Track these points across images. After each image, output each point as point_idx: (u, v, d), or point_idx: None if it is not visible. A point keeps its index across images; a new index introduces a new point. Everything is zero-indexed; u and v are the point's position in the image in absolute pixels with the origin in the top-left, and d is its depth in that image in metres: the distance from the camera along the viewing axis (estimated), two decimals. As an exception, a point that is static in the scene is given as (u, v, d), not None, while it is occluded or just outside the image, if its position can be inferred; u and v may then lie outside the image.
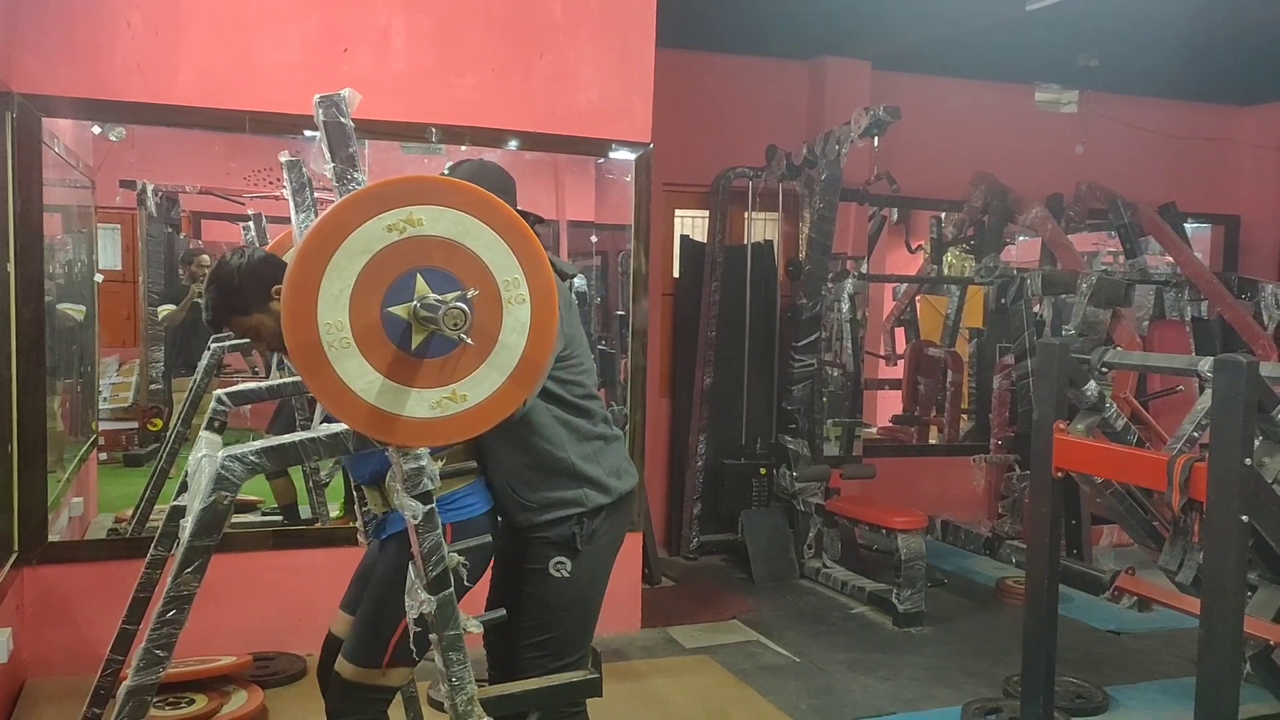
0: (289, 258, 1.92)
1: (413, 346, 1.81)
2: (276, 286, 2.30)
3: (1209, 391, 2.99)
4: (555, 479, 2.43)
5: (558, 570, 2.42)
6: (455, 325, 1.75)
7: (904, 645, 4.55)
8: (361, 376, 1.77)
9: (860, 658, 4.38)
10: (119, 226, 5.66)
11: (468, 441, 2.07)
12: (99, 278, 4.88)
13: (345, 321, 1.76)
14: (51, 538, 3.84)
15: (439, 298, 1.80)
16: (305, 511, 4.65)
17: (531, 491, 2.43)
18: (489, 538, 2.28)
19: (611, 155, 4.50)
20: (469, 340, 1.81)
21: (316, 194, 2.69)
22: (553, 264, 2.08)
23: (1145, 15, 5.48)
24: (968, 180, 6.35)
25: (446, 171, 2.56)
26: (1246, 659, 3.54)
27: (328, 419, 2.85)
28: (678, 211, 6.43)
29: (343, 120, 1.87)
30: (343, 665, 2.35)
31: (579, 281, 4.80)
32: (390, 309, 1.78)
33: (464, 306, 1.77)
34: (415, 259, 1.81)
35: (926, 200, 6.85)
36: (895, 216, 7.40)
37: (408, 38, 4.12)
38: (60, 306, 4.30)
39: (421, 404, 1.84)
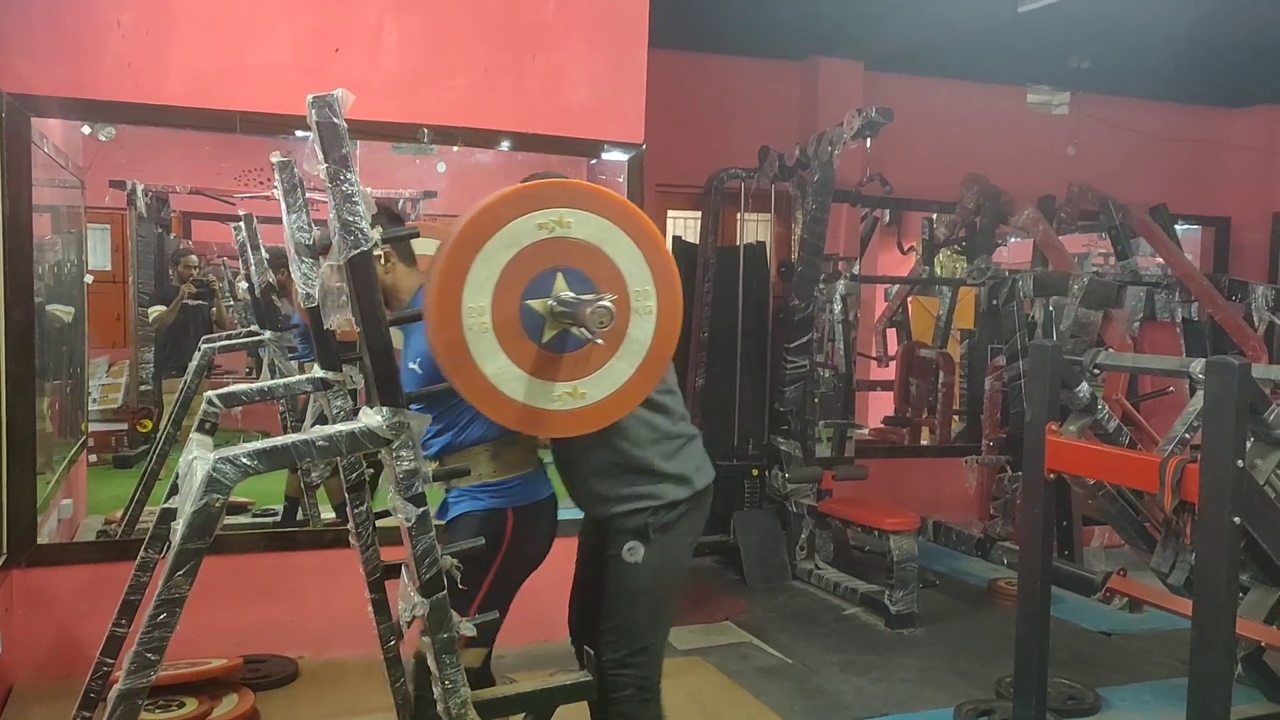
0: (436, 247, 2.01)
1: (543, 340, 1.92)
2: (386, 249, 2.45)
3: (1200, 393, 3.00)
4: (634, 475, 2.50)
5: (630, 555, 2.49)
6: (601, 324, 1.83)
7: (896, 646, 4.56)
8: (508, 375, 1.89)
9: (853, 659, 4.38)
10: (109, 227, 5.63)
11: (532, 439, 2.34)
12: (89, 278, 4.86)
13: (487, 308, 1.87)
14: (41, 540, 3.81)
15: (578, 296, 1.89)
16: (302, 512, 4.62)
17: (607, 485, 2.51)
18: (481, 540, 2.27)
19: (604, 156, 4.48)
20: (599, 340, 1.90)
21: (308, 194, 2.69)
22: None
23: (1136, 18, 5.50)
24: (959, 181, 6.36)
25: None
26: (1238, 660, 3.55)
27: (320, 420, 2.84)
28: (670, 212, 6.42)
29: (336, 121, 1.86)
30: (422, 646, 2.40)
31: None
32: (529, 302, 1.89)
33: (610, 306, 1.85)
34: (558, 258, 1.92)
35: (918, 201, 6.86)
36: (887, 218, 7.40)
37: (399, 38, 4.11)
38: (49, 307, 4.28)
39: (553, 397, 1.96)
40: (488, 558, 2.43)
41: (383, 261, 2.48)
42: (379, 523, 2.55)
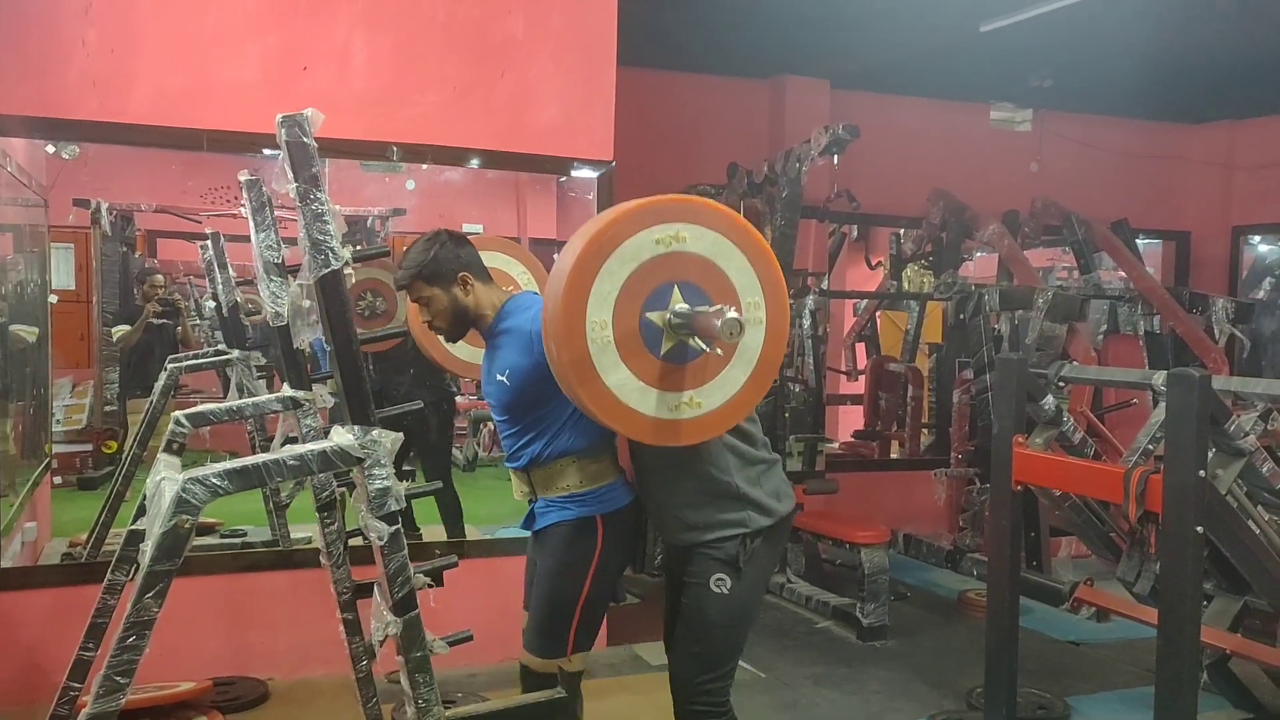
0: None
1: (662, 352, 1.99)
2: (463, 274, 2.50)
3: (1163, 405, 3.04)
4: (720, 502, 2.52)
5: (718, 586, 2.50)
6: (731, 335, 1.90)
7: (868, 659, 4.57)
8: (630, 387, 1.96)
9: (825, 672, 4.40)
10: (73, 246, 5.58)
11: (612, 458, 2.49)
12: (53, 298, 4.80)
13: (609, 321, 1.94)
14: (3, 564, 3.77)
15: (693, 309, 1.97)
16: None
17: (696, 513, 2.53)
18: (455, 558, 2.27)
19: (574, 173, 4.50)
20: (718, 351, 1.99)
21: (276, 213, 2.68)
22: None
23: (1096, 38, 5.60)
24: (925, 197, 6.43)
25: None
26: (1203, 668, 3.60)
27: (289, 440, 2.83)
28: (640, 229, 6.44)
29: (305, 140, 1.86)
30: (529, 659, 2.51)
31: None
32: (648, 315, 1.96)
33: (738, 318, 1.92)
34: (675, 272, 1.99)
35: (885, 217, 6.92)
36: (855, 233, 7.47)
37: (368, 56, 4.11)
38: (13, 328, 4.22)
39: (674, 407, 2.03)
40: (584, 565, 2.50)
41: (464, 285, 2.52)
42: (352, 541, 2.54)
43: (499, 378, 2.52)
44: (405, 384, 4.85)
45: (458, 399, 5.76)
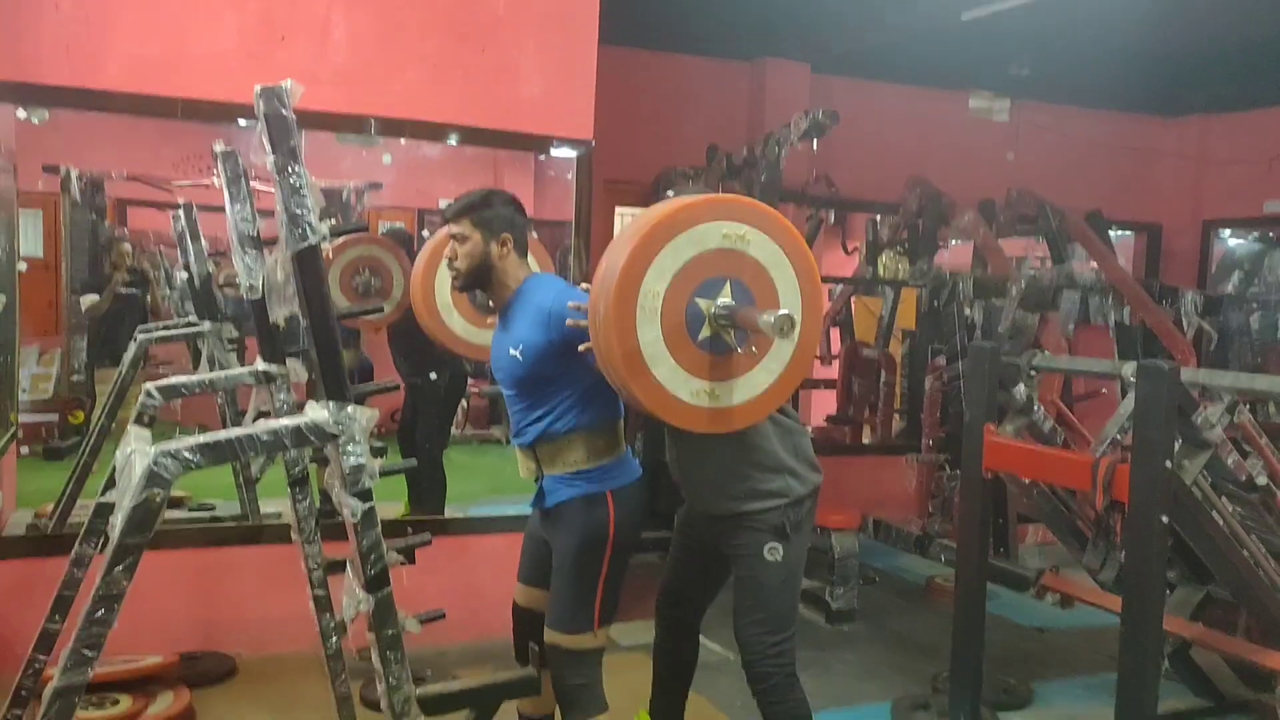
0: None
1: (698, 337, 2.08)
2: (507, 234, 2.55)
3: (1131, 395, 3.08)
4: (763, 472, 2.67)
5: (771, 554, 2.66)
6: (781, 331, 1.99)
7: (836, 642, 4.61)
8: (657, 352, 2.04)
9: (793, 654, 4.43)
10: (41, 212, 5.49)
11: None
12: (22, 266, 4.73)
13: (662, 293, 2.03)
14: (-32, 534, 3.72)
15: (739, 306, 2.07)
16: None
17: (737, 483, 2.67)
18: (429, 536, 2.26)
19: (553, 151, 4.48)
20: (754, 349, 2.11)
21: (251, 184, 2.65)
22: None
23: (1075, 28, 5.62)
24: (903, 184, 6.45)
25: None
26: (1165, 656, 3.66)
27: (261, 415, 2.81)
28: (618, 208, 6.42)
29: (285, 113, 1.84)
30: (558, 637, 2.55)
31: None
32: (698, 299, 2.05)
33: (792, 316, 2.01)
34: (732, 268, 2.09)
35: (862, 203, 6.94)
36: (832, 219, 7.47)
37: (347, 28, 4.05)
38: (-21, 295, 4.16)
39: (691, 391, 2.10)
40: (601, 541, 2.53)
41: (503, 245, 2.54)
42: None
43: (512, 352, 2.54)
44: (424, 355, 4.74)
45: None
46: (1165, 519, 2.83)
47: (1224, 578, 3.29)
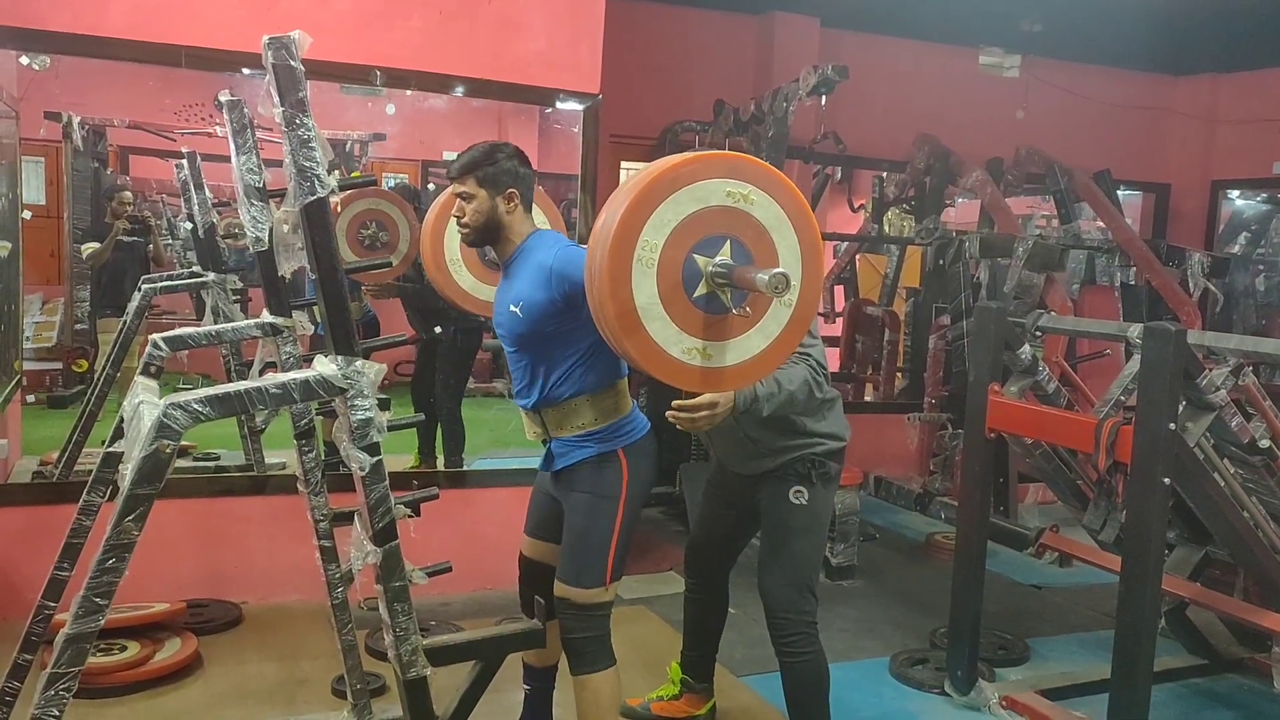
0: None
1: (693, 294, 2.04)
2: (513, 190, 2.53)
3: (1137, 357, 3.07)
4: (788, 435, 2.80)
5: (796, 498, 2.81)
6: (776, 289, 1.95)
7: (836, 598, 4.65)
8: (652, 308, 2.01)
9: (793, 609, 4.47)
10: (43, 160, 5.45)
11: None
12: (26, 214, 4.71)
13: (659, 245, 1.99)
14: (-25, 481, 3.74)
15: (736, 264, 2.03)
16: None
17: (772, 441, 2.80)
18: (436, 490, 2.27)
19: (559, 105, 4.43)
20: (748, 310, 2.08)
21: (256, 134, 2.63)
22: None
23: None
24: (911, 141, 6.40)
25: None
26: (1162, 614, 3.69)
27: (268, 367, 2.81)
28: (624, 163, 6.38)
29: (293, 64, 1.82)
30: (569, 591, 2.56)
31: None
32: (695, 255, 2.02)
33: (787, 275, 1.97)
34: (733, 227, 2.05)
35: (870, 160, 6.89)
36: (839, 175, 7.42)
37: (352, -25, 4.00)
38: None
39: (682, 348, 2.07)
40: (614, 496, 2.55)
41: (509, 200, 2.53)
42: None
43: (512, 308, 2.53)
44: (440, 310, 4.72)
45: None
46: (1167, 481, 2.84)
47: (1223, 539, 3.31)
